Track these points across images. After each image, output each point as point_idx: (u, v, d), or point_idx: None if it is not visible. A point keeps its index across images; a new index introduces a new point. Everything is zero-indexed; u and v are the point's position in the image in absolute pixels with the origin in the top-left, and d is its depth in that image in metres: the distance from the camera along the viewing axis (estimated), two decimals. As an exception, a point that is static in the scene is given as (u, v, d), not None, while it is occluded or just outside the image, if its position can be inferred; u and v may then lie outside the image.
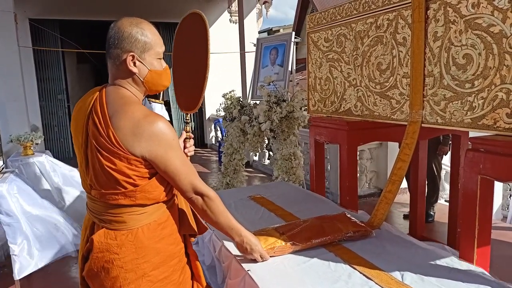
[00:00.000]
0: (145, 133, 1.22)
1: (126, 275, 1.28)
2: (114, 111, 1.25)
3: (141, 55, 1.32)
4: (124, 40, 1.29)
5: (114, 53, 1.30)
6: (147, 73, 1.34)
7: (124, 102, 1.29)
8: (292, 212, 2.14)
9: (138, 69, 1.32)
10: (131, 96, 1.33)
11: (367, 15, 2.21)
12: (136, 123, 1.22)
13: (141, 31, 1.31)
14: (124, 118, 1.23)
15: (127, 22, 1.31)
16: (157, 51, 1.36)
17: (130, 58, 1.30)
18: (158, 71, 1.37)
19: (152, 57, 1.35)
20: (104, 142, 1.22)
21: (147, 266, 1.30)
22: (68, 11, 8.11)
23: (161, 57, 1.39)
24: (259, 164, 7.20)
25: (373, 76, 2.19)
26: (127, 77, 1.33)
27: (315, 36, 2.67)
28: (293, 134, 3.16)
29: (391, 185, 1.99)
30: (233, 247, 1.71)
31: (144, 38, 1.32)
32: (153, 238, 1.31)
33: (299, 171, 3.16)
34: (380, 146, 4.92)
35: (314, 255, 1.61)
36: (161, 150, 1.25)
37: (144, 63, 1.33)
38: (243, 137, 3.67)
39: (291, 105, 3.06)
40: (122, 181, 1.24)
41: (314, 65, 2.68)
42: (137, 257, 1.29)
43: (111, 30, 1.31)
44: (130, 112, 1.24)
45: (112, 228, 1.29)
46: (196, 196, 1.37)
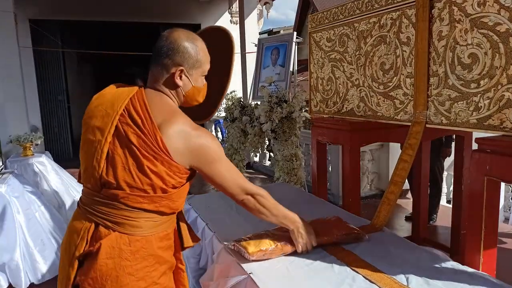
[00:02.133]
0: (193, 146, 1.27)
1: (136, 283, 1.25)
2: (162, 117, 1.27)
3: (189, 71, 1.35)
4: (178, 53, 1.32)
5: (165, 62, 1.32)
6: (190, 89, 1.38)
7: (172, 110, 1.32)
8: (294, 214, 2.10)
9: (183, 83, 1.35)
10: (175, 105, 1.38)
11: (370, 14, 2.18)
12: (186, 135, 1.27)
13: (195, 48, 1.35)
14: (174, 127, 1.26)
15: (183, 36, 1.34)
16: (204, 69, 1.40)
17: (178, 72, 1.33)
18: (199, 87, 1.41)
19: (198, 74, 1.38)
20: (149, 143, 1.23)
21: (156, 274, 1.30)
22: (68, 11, 8.08)
23: (205, 75, 1.43)
24: (260, 165, 7.17)
25: (376, 76, 2.16)
26: (170, 87, 1.36)
27: (317, 36, 2.65)
28: (295, 135, 3.13)
29: (393, 186, 1.96)
30: (235, 249, 1.68)
31: (196, 56, 1.35)
32: (163, 247, 1.33)
33: (300, 172, 3.13)
34: (382, 148, 4.89)
35: (316, 258, 1.58)
36: (207, 163, 1.32)
37: (190, 78, 1.37)
38: (244, 137, 3.64)
39: (292, 105, 3.03)
40: (156, 184, 1.24)
41: (316, 65, 2.66)
42: (148, 265, 1.28)
43: (165, 40, 1.33)
44: (181, 122, 1.28)
45: (125, 232, 1.25)
46: (247, 196, 1.45)
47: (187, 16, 9.31)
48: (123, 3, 8.16)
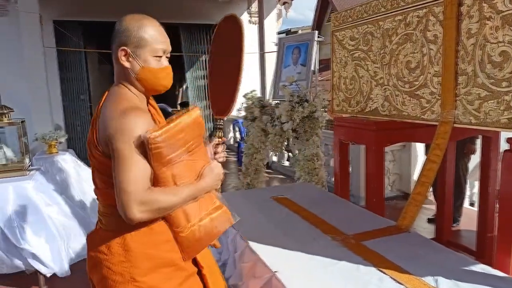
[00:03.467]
0: (110, 127, 1.18)
1: (114, 277, 1.27)
2: (103, 108, 1.27)
3: (136, 51, 1.28)
4: (121, 34, 1.28)
5: (113, 48, 1.30)
6: (139, 70, 1.29)
7: (112, 99, 1.27)
8: (317, 214, 2.09)
9: (130, 65, 1.29)
10: (126, 93, 1.30)
11: (396, 12, 2.15)
12: (104, 121, 1.21)
13: (138, 26, 1.28)
14: (101, 116, 1.23)
15: (128, 17, 1.31)
16: (154, 48, 1.30)
17: (122, 52, 1.27)
18: (152, 68, 1.30)
19: (147, 54, 1.29)
20: (93, 139, 1.26)
21: (136, 272, 1.26)
22: (90, 13, 8.24)
23: (159, 55, 1.32)
24: (278, 165, 7.15)
25: (401, 75, 2.13)
26: (124, 75, 1.30)
27: (340, 35, 2.62)
28: (316, 135, 3.11)
29: (420, 187, 1.93)
30: (258, 248, 1.68)
31: (140, 34, 1.28)
32: (146, 243, 1.27)
33: (321, 172, 3.11)
34: (404, 148, 4.82)
35: (342, 258, 1.56)
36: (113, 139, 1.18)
37: (138, 59, 1.28)
38: (264, 137, 3.64)
39: (313, 105, 3.01)
40: (107, 178, 1.23)
41: (339, 64, 2.63)
42: (124, 260, 1.27)
43: (115, 26, 1.32)
44: (108, 109, 1.23)
45: (103, 228, 1.31)
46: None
47: (206, 16, 9.37)
48: (143, 4, 8.26)
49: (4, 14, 7.36)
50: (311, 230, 1.88)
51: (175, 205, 1.25)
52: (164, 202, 1.21)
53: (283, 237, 1.79)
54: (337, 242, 1.73)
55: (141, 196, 1.16)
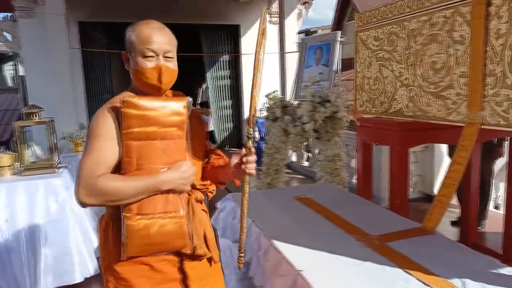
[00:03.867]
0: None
1: (101, 260, 1.40)
2: None
3: (131, 54, 1.40)
4: (125, 41, 1.43)
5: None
6: (132, 71, 1.41)
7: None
8: (340, 214, 2.09)
9: (129, 66, 1.42)
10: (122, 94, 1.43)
11: (421, 12, 2.14)
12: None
13: (132, 31, 1.40)
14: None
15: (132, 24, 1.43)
16: (142, 49, 1.37)
17: (124, 57, 1.43)
18: (141, 69, 1.38)
19: (138, 55, 1.38)
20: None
21: (112, 260, 1.36)
22: (114, 14, 8.40)
23: (148, 55, 1.38)
24: (297, 165, 7.15)
25: (427, 76, 2.11)
26: (130, 77, 1.45)
27: (364, 35, 2.62)
28: (337, 135, 3.11)
29: (446, 189, 1.91)
30: (282, 246, 1.70)
31: (132, 38, 1.39)
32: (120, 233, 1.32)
33: (343, 173, 3.10)
34: (426, 149, 4.75)
35: (367, 258, 1.57)
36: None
37: (132, 61, 1.40)
38: (285, 137, 3.65)
39: (335, 105, 3.01)
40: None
41: (363, 64, 2.63)
42: (104, 247, 1.41)
43: None
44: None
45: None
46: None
47: (226, 17, 9.43)
48: (164, 5, 8.38)
49: (32, 16, 7.57)
50: (334, 230, 1.88)
51: (125, 193, 1.29)
52: (110, 188, 1.27)
53: (307, 237, 1.81)
54: (361, 243, 1.73)
55: (88, 181, 1.26)
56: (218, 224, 2.36)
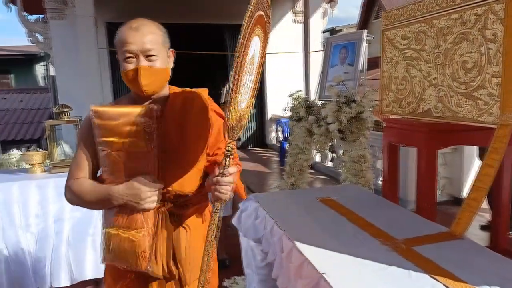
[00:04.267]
0: None
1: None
2: None
3: (118, 57, 1.40)
4: None
5: None
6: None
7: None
8: (364, 217, 2.05)
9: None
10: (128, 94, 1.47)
11: (452, 10, 2.07)
12: None
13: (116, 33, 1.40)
14: None
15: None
16: (121, 51, 1.37)
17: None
18: (122, 71, 1.38)
19: (120, 58, 1.38)
20: None
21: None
22: (141, 15, 8.54)
23: (127, 56, 1.36)
24: (321, 166, 7.09)
25: (457, 75, 2.05)
26: None
27: (391, 34, 2.56)
28: (363, 136, 3.05)
29: (476, 193, 1.84)
30: (305, 248, 1.68)
31: (114, 40, 1.40)
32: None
33: (368, 174, 3.05)
34: (455, 151, 4.62)
35: (392, 263, 1.53)
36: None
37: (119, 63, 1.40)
38: (309, 137, 3.62)
39: (361, 105, 2.96)
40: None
41: (389, 63, 2.57)
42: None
43: None
44: None
45: None
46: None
47: (250, 17, 9.44)
48: (189, 5, 8.47)
49: (62, 17, 7.82)
50: (358, 233, 1.85)
51: (86, 199, 1.37)
52: (77, 192, 1.38)
53: (330, 239, 1.78)
54: (387, 247, 1.69)
55: (68, 182, 1.40)
56: (241, 224, 2.36)
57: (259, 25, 1.29)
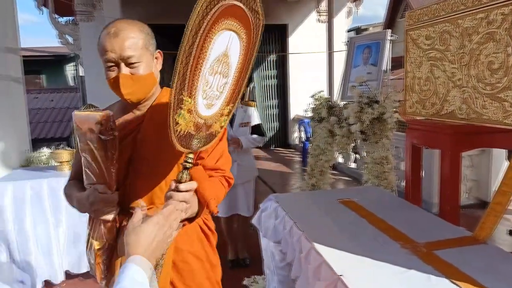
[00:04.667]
0: None
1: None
2: None
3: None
4: None
5: None
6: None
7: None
8: (385, 219, 2.04)
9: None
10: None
11: (477, 10, 2.02)
12: None
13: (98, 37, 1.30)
14: None
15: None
16: (102, 59, 1.28)
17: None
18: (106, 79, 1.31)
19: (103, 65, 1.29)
20: None
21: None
22: (167, 17, 8.70)
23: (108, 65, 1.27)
24: (344, 167, 7.02)
25: (482, 76, 2.00)
26: None
27: (415, 34, 2.52)
28: (386, 137, 3.01)
29: (501, 197, 1.79)
30: (323, 250, 1.68)
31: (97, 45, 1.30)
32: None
33: (391, 176, 3.00)
34: (483, 153, 4.49)
35: (412, 266, 1.51)
36: None
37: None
38: (331, 138, 3.60)
39: (384, 106, 2.92)
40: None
41: (413, 64, 2.53)
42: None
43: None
44: None
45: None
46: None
47: (273, 17, 9.45)
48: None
49: (91, 19, 8.04)
50: (378, 236, 1.84)
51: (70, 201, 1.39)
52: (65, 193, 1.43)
53: (349, 241, 1.78)
54: (407, 250, 1.67)
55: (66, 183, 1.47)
56: (261, 224, 2.38)
57: (234, 19, 1.11)
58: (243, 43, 1.21)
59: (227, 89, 1.24)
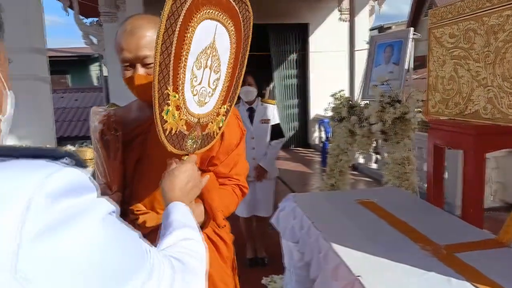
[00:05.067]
0: None
1: None
2: None
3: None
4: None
5: None
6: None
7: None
8: (406, 221, 2.00)
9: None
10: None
11: (504, 7, 1.97)
12: None
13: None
14: None
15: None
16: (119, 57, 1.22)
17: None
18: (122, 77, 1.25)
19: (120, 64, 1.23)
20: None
21: None
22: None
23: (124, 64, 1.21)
24: (365, 168, 6.94)
25: (508, 75, 1.94)
26: None
27: (438, 32, 2.47)
28: (407, 137, 2.96)
29: (527, 200, 1.74)
30: (341, 250, 1.67)
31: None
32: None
33: (413, 177, 2.95)
34: (509, 154, 4.36)
35: (431, 268, 1.48)
36: None
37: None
38: (351, 138, 3.56)
39: (406, 106, 2.87)
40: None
41: (436, 63, 2.48)
42: None
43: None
44: None
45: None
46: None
47: (295, 16, 9.42)
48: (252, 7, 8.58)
49: (115, 20, 8.20)
50: (398, 237, 1.81)
51: None
52: None
53: (368, 242, 1.76)
54: (427, 252, 1.64)
55: None
56: (279, 224, 2.38)
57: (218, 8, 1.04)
58: (233, 36, 1.14)
59: (221, 86, 1.18)
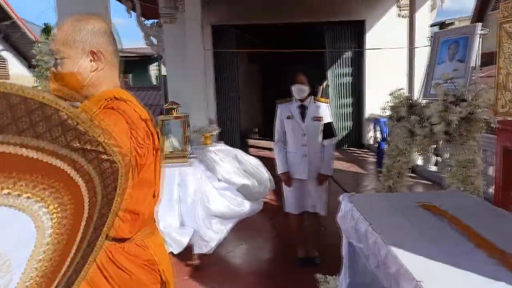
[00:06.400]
0: None
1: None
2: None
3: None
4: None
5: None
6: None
7: None
8: (471, 226, 1.90)
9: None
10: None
11: None
12: None
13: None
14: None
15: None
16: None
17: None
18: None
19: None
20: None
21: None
22: (243, 17, 8.92)
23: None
24: (423, 170, 6.64)
25: None
26: None
27: (510, 27, 2.31)
28: (473, 139, 2.79)
29: None
30: (401, 254, 1.62)
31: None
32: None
33: (478, 180, 2.78)
34: None
35: (499, 278, 1.39)
36: None
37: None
38: (411, 138, 3.43)
39: (474, 105, 2.70)
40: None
41: (507, 59, 2.32)
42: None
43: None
44: None
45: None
46: None
47: (351, 13, 9.23)
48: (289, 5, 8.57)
49: (174, 21, 8.52)
50: (462, 243, 1.72)
51: None
52: None
53: (429, 246, 1.69)
54: (494, 260, 1.54)
55: None
56: (340, 224, 2.36)
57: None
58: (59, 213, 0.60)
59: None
